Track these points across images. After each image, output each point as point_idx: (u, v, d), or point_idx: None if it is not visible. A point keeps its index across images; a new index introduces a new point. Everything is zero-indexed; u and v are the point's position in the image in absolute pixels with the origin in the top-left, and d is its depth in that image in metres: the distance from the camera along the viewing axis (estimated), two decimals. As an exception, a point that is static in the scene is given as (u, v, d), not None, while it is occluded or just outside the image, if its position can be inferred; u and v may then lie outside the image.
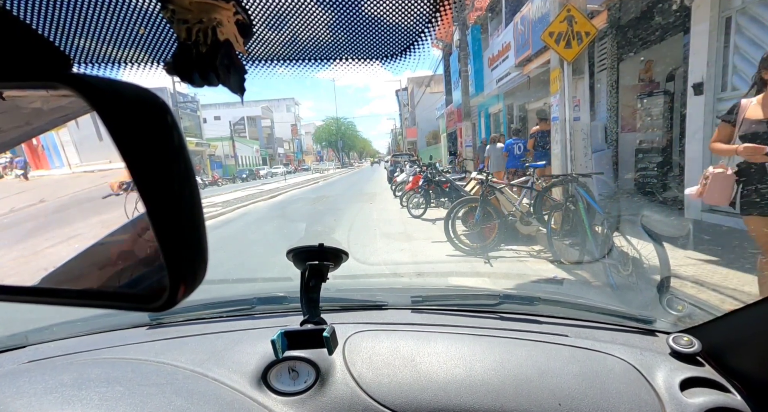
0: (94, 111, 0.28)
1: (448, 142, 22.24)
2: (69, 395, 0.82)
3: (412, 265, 4.59)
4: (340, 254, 0.93)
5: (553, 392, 0.86)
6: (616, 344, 0.98)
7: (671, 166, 6.62)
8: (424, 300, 1.25)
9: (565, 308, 1.23)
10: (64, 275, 0.36)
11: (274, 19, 0.53)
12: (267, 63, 0.63)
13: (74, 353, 1.07)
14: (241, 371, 0.95)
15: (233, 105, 53.90)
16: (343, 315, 1.19)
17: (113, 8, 0.48)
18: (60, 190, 0.43)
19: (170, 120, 0.30)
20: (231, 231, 8.08)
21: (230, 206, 11.79)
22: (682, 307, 1.30)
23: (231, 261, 5.12)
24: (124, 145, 0.28)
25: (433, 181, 8.13)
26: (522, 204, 5.21)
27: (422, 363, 0.94)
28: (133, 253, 0.36)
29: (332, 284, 0.97)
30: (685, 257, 3.78)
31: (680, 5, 5.48)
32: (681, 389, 0.84)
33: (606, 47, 7.85)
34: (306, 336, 0.85)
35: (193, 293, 0.32)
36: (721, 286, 3.09)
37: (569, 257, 4.31)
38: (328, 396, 0.90)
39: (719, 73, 4.91)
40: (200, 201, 0.32)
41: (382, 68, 0.66)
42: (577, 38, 5.15)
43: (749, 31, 4.58)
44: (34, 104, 0.36)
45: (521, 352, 0.96)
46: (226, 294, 1.41)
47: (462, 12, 12.07)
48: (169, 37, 0.54)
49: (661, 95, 6.65)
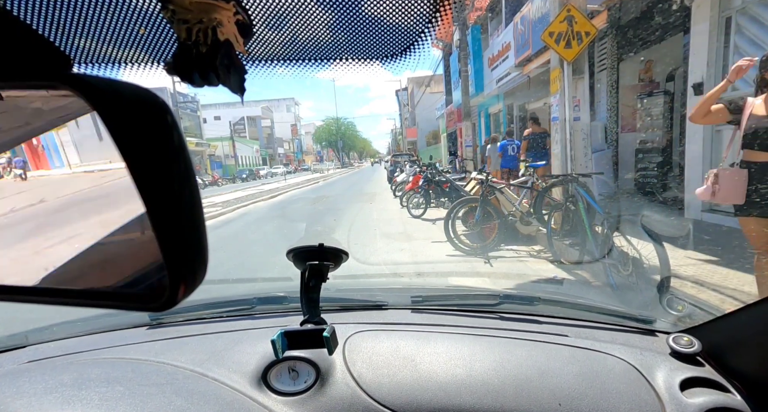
0: (94, 111, 0.28)
1: (448, 142, 22.24)
2: (69, 395, 0.82)
3: (412, 265, 4.58)
4: (340, 254, 0.93)
5: (553, 392, 0.86)
6: (616, 344, 0.98)
7: (671, 167, 6.62)
8: (424, 300, 1.25)
9: (565, 308, 1.23)
10: (64, 275, 0.36)
11: (275, 19, 0.53)
12: (267, 63, 0.63)
13: (74, 353, 1.07)
14: (241, 371, 0.95)
15: (233, 105, 53.90)
16: (343, 315, 1.19)
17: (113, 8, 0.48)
18: (60, 190, 0.43)
19: (170, 120, 0.30)
20: (231, 231, 8.08)
21: (230, 206, 11.79)
22: (682, 307, 1.30)
23: (231, 261, 5.12)
24: (124, 145, 0.28)
25: (433, 181, 8.13)
26: (522, 204, 5.21)
27: (422, 363, 0.94)
28: (133, 253, 0.36)
29: (332, 284, 0.97)
30: (685, 257, 3.78)
31: (680, 5, 5.49)
32: (681, 389, 0.84)
33: (606, 47, 7.85)
34: (306, 336, 0.85)
35: (193, 293, 0.32)
36: (721, 286, 3.09)
37: (569, 257, 4.31)
38: (328, 396, 0.90)
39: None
40: (200, 201, 0.32)
41: (382, 68, 0.66)
42: (577, 38, 5.15)
43: (749, 31, 4.57)
44: (35, 104, 0.36)
45: (521, 352, 0.96)
46: (226, 294, 1.41)
47: (462, 12, 12.07)
48: (169, 37, 0.54)
49: (661, 95, 6.65)
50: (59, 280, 0.37)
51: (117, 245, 0.37)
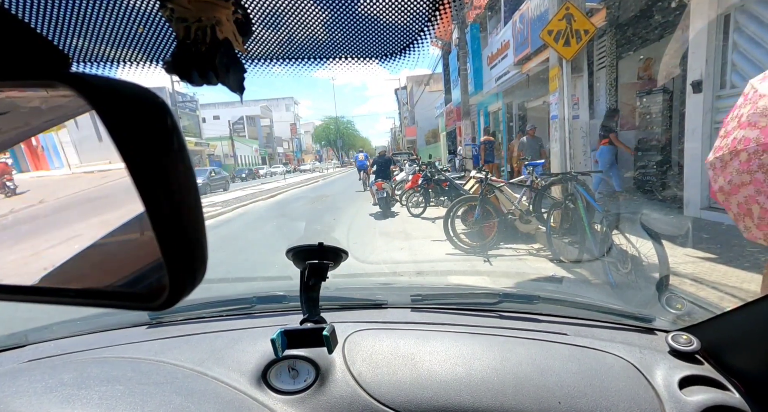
0: (93, 110, 0.28)
1: (447, 140, 22.23)
2: (69, 394, 0.82)
3: (411, 264, 4.59)
4: (339, 252, 0.93)
5: (553, 391, 0.86)
6: (616, 343, 0.98)
7: (670, 165, 6.62)
8: (424, 299, 1.25)
9: (564, 307, 1.24)
10: (64, 275, 0.36)
11: (274, 18, 0.53)
12: (266, 62, 0.62)
13: (74, 352, 1.07)
14: (241, 369, 0.95)
15: (232, 104, 53.80)
16: (343, 314, 1.19)
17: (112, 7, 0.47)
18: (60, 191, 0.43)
19: (169, 119, 0.30)
20: (231, 230, 8.08)
21: (230, 206, 11.79)
22: (681, 305, 1.29)
23: (231, 260, 5.12)
24: (124, 144, 0.28)
25: (432, 180, 8.13)
26: (521, 202, 5.21)
27: (422, 362, 0.94)
28: (132, 252, 0.36)
29: (332, 283, 0.97)
30: (685, 255, 3.78)
31: (679, 3, 5.48)
32: (680, 388, 0.84)
33: (605, 45, 7.85)
34: (306, 335, 0.86)
35: (193, 292, 0.32)
36: (721, 284, 3.09)
37: (568, 255, 4.32)
38: (327, 395, 0.90)
39: (718, 71, 4.91)
40: (200, 200, 0.32)
41: (381, 67, 0.66)
42: (576, 36, 5.15)
43: (748, 29, 4.57)
44: (33, 103, 0.36)
45: (521, 350, 0.96)
46: (226, 293, 1.41)
47: (461, 10, 12.04)
48: (168, 36, 0.54)
49: (660, 93, 6.65)
50: (59, 279, 0.37)
51: (117, 245, 0.37)
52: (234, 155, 40.44)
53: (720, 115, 4.91)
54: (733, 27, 4.73)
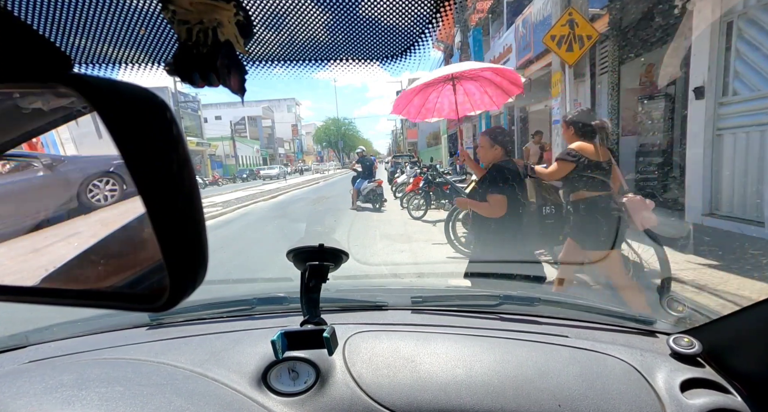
0: (94, 111, 0.28)
1: (448, 143, 22.27)
2: (69, 395, 0.82)
3: (412, 266, 4.58)
4: (340, 254, 0.93)
5: (554, 393, 0.86)
6: (617, 345, 0.98)
7: (672, 169, 6.62)
8: (424, 301, 1.25)
9: (565, 309, 1.23)
10: (64, 275, 0.36)
11: (275, 20, 0.53)
12: (268, 63, 0.63)
13: (74, 353, 1.07)
14: (241, 371, 0.95)
15: (234, 105, 53.85)
16: (343, 316, 1.19)
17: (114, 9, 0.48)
18: None
19: (170, 120, 0.30)
20: (231, 231, 8.08)
21: (230, 206, 11.79)
22: (682, 308, 1.29)
23: (231, 261, 5.12)
24: (125, 145, 0.28)
25: (433, 183, 8.14)
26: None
27: (422, 364, 0.94)
28: (133, 253, 0.36)
29: (332, 285, 0.97)
30: (686, 261, 3.77)
31: (681, 9, 5.48)
32: (681, 390, 0.84)
33: (607, 50, 7.85)
34: (306, 337, 0.85)
35: (194, 294, 0.32)
36: (721, 290, 3.08)
37: (569, 258, 4.29)
38: (328, 397, 0.90)
39: (720, 77, 4.90)
40: (200, 201, 0.32)
41: (381, 69, 0.66)
42: (578, 41, 5.16)
43: (750, 36, 4.57)
44: (35, 104, 0.36)
45: (521, 353, 0.96)
46: (227, 294, 1.41)
47: (463, 13, 12.09)
48: (170, 37, 0.54)
49: (661, 98, 6.65)
50: (60, 280, 0.37)
51: (117, 246, 0.37)
52: (235, 156, 40.49)
53: (722, 121, 4.91)
54: (736, 34, 4.72)
